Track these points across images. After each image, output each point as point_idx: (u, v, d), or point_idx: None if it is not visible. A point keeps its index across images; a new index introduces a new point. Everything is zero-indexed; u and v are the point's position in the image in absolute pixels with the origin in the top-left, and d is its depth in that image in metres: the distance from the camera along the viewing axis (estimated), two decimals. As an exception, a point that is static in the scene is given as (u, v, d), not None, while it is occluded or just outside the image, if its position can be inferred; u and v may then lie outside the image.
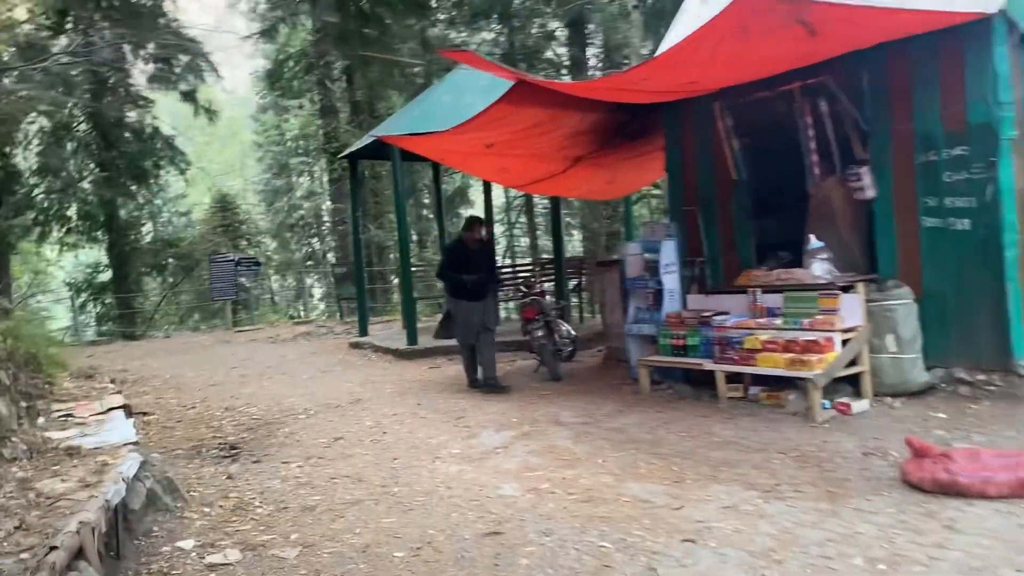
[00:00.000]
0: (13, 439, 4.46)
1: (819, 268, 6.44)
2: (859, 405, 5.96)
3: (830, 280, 6.34)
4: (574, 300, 12.32)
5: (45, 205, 19.14)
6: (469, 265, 7.87)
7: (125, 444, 4.86)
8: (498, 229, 32.00)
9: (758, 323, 6.50)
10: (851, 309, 6.16)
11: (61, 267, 26.90)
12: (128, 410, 6.86)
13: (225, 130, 67.89)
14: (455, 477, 5.05)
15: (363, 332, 12.49)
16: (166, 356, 13.63)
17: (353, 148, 11.90)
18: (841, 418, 5.83)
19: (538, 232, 24.46)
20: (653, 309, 7.47)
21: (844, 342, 6.04)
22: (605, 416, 6.46)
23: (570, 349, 8.78)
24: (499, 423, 6.45)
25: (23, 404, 5.63)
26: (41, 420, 5.95)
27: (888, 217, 6.42)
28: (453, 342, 10.58)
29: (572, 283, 12.22)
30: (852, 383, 6.25)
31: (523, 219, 21.92)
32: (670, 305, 7.26)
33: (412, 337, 10.67)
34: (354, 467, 5.46)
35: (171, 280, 22.74)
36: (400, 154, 10.47)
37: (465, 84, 10.81)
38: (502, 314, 12.78)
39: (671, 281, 7.32)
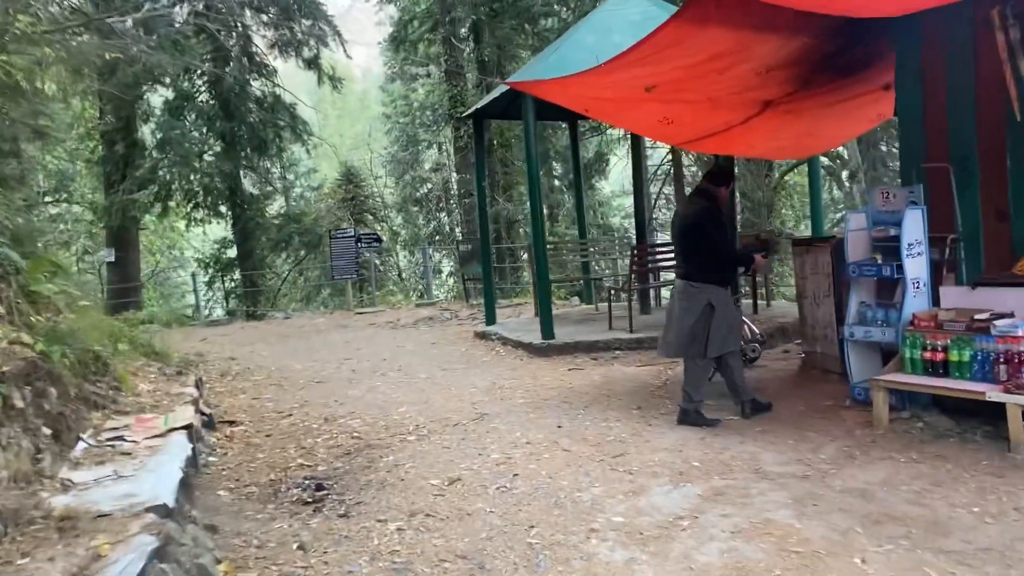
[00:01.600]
0: (-23, 508, 3.10)
1: None
2: None
3: None
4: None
5: (167, 178, 18.71)
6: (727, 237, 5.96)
7: (151, 507, 3.42)
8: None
9: (1074, 333, 4.35)
10: None
11: (189, 243, 27.06)
12: (194, 428, 5.54)
13: (356, 104, 68.80)
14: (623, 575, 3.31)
15: (490, 320, 10.93)
16: (279, 342, 12.62)
17: (479, 105, 10.27)
18: None
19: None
20: (888, 306, 5.40)
21: None
22: (830, 464, 4.52)
23: (754, 355, 6.82)
24: (674, 469, 4.64)
25: (47, 431, 4.34)
26: (79, 448, 4.68)
27: None
28: (600, 335, 8.85)
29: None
30: None
31: (668, 189, 19.75)
32: (918, 302, 5.18)
33: (547, 329, 8.99)
34: (474, 538, 3.83)
35: (295, 257, 22.10)
36: (533, 109, 8.74)
37: (613, 22, 8.95)
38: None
39: (917, 267, 5.23)
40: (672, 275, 9.37)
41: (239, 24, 20.18)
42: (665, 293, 11.16)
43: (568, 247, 12.56)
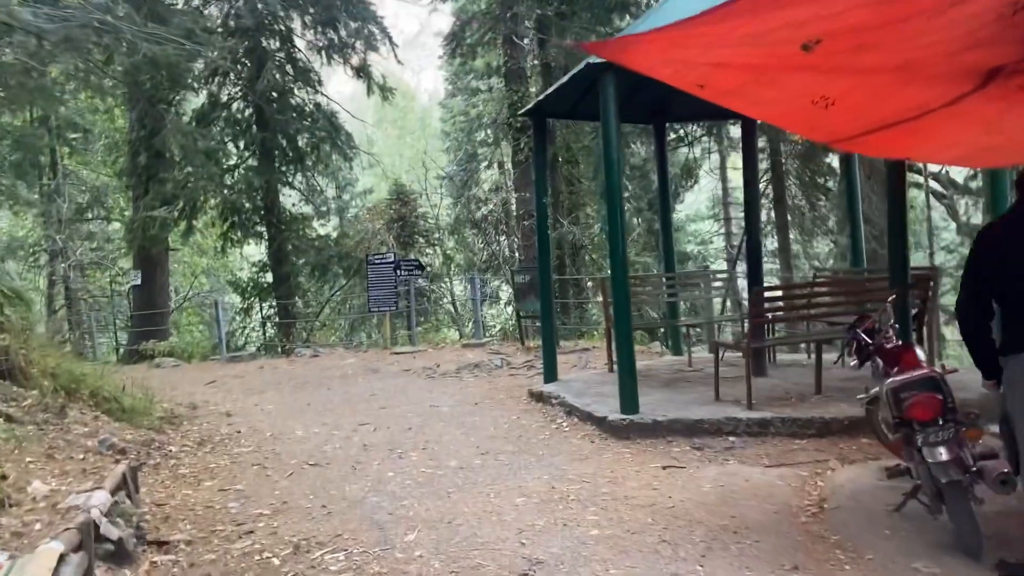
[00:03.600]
0: None
1: None
2: None
3: None
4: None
5: (193, 193, 16.91)
6: None
7: None
8: (712, 227, 27.12)
9: None
10: None
11: (227, 266, 25.43)
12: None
13: (417, 124, 68.01)
14: None
15: (549, 376, 8.58)
16: (293, 390, 10.52)
17: (541, 97, 8.01)
18: None
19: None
20: None
21: None
22: None
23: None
24: None
25: None
26: None
27: None
28: (704, 410, 6.40)
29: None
30: None
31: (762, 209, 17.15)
32: None
33: (629, 399, 6.58)
34: None
35: (333, 284, 20.08)
36: (615, 96, 6.42)
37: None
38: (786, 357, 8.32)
39: None
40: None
41: (282, 25, 18.51)
42: (787, 357, 8.53)
43: (652, 282, 10.16)
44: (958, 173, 19.84)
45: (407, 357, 12.48)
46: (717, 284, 9.89)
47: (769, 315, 6.89)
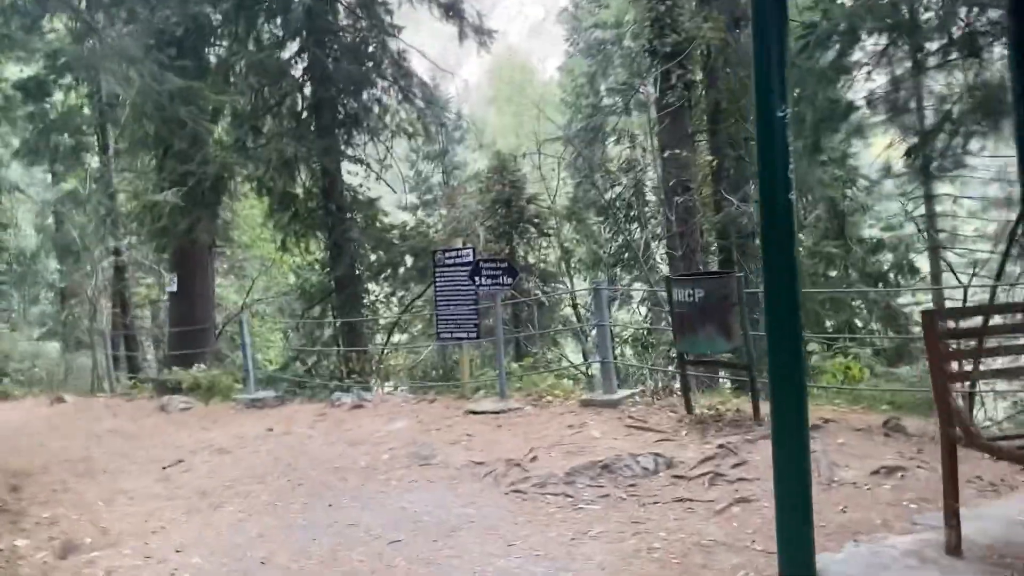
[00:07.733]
0: None
1: None
2: None
3: None
4: None
5: (212, 170, 12.64)
6: None
7: None
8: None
9: None
10: None
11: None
12: None
13: (536, 99, 63.49)
14: None
15: (797, 558, 3.42)
16: (267, 507, 5.94)
17: None
18: None
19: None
20: None
21: None
22: None
23: None
24: None
25: None
26: None
27: None
28: None
29: None
30: None
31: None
32: None
33: None
34: None
35: (408, 292, 15.31)
36: None
37: None
38: None
39: None
40: None
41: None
42: None
43: None
44: None
45: (487, 425, 7.60)
46: None
47: None
